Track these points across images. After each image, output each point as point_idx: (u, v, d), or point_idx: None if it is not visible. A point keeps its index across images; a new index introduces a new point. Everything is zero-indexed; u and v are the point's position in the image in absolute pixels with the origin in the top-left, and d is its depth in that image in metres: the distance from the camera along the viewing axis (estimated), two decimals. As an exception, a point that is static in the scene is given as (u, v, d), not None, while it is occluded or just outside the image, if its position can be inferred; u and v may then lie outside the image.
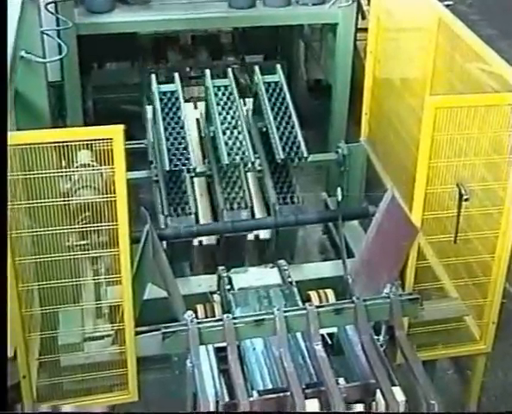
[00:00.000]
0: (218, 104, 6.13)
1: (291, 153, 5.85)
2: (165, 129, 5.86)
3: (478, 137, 4.61)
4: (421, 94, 5.34)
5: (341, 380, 4.48)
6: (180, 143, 5.77)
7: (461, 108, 4.48)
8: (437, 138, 4.50)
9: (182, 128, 5.88)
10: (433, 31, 5.29)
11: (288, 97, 6.17)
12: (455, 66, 5.08)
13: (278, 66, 6.38)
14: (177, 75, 6.27)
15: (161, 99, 6.08)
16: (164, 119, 5.94)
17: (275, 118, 6.03)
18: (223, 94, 6.21)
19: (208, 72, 6.36)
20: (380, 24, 6.15)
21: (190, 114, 6.59)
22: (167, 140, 5.78)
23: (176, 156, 5.69)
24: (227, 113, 6.07)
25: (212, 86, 6.23)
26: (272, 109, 6.10)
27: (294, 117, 6.04)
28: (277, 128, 5.96)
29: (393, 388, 4.35)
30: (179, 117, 5.96)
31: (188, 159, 5.68)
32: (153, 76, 6.28)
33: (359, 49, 7.66)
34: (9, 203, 3.79)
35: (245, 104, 6.48)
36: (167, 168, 5.63)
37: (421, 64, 5.54)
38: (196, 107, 6.88)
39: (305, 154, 5.85)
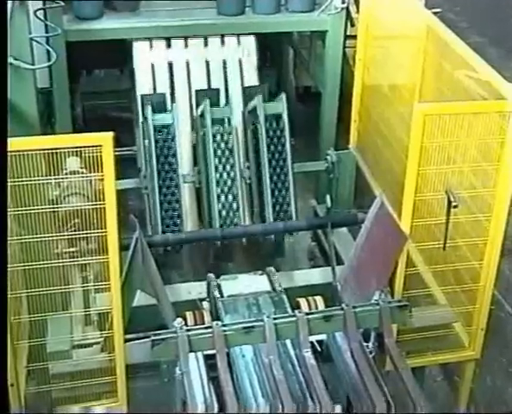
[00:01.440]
0: (215, 155, 6.12)
1: (280, 213, 6.04)
2: (160, 190, 5.95)
3: (467, 144, 4.63)
4: (410, 101, 5.35)
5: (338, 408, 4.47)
6: (174, 209, 5.94)
7: (450, 115, 4.50)
8: (426, 145, 4.52)
9: (176, 186, 5.96)
10: (421, 39, 5.31)
11: (288, 144, 6.15)
12: (444, 74, 5.10)
13: (283, 97, 6.29)
14: (174, 106, 6.29)
15: (156, 141, 6.08)
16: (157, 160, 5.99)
17: (269, 161, 6.09)
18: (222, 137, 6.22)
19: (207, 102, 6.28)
20: (369, 31, 6.18)
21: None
22: (161, 204, 5.93)
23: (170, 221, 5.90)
24: (224, 167, 6.12)
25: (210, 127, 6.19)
26: (269, 147, 6.11)
27: (290, 176, 6.10)
28: (271, 179, 6.04)
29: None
30: (175, 171, 6.03)
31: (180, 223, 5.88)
32: (149, 107, 6.22)
33: (348, 56, 7.66)
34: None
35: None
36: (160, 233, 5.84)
37: (409, 71, 5.56)
38: (186, 45, 6.89)
39: (293, 219, 6.04)
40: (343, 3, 7.04)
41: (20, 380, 4.49)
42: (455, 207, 4.65)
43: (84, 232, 4.27)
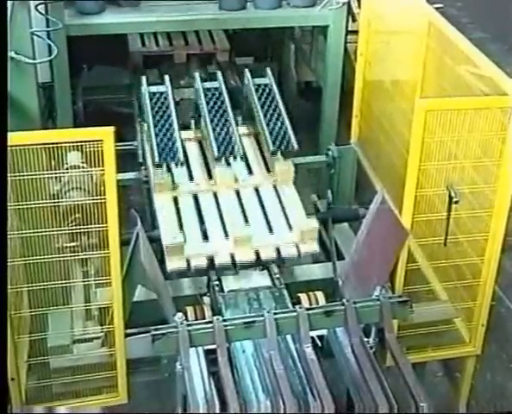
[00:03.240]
0: (208, 103, 6.11)
1: (281, 146, 5.84)
2: (155, 126, 5.86)
3: (468, 140, 4.62)
4: (412, 97, 5.34)
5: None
6: (169, 139, 5.76)
7: (451, 111, 4.49)
8: (427, 141, 4.51)
9: (171, 125, 5.87)
10: (423, 34, 5.30)
11: (278, 97, 6.18)
12: (445, 69, 5.09)
13: (268, 69, 6.39)
14: (167, 77, 6.27)
15: (151, 99, 6.07)
16: (154, 117, 5.93)
17: (265, 116, 6.03)
18: (213, 95, 6.20)
19: (197, 74, 6.36)
20: (370, 27, 6.17)
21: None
22: (156, 135, 5.78)
23: (165, 151, 5.69)
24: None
25: (202, 88, 6.23)
26: (262, 107, 6.10)
27: (284, 115, 6.04)
28: (267, 125, 5.96)
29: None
30: (169, 116, 5.95)
31: (176, 152, 5.69)
32: (144, 78, 6.27)
33: (350, 52, 7.66)
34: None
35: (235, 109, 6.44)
36: (157, 161, 5.63)
37: (411, 66, 5.55)
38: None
39: (295, 146, 5.84)
40: (344, -2, 7.04)
41: (21, 375, 4.50)
42: (456, 203, 4.65)
43: (85, 227, 4.27)
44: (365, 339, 4.73)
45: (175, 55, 8.26)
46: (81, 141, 4.00)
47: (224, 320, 4.59)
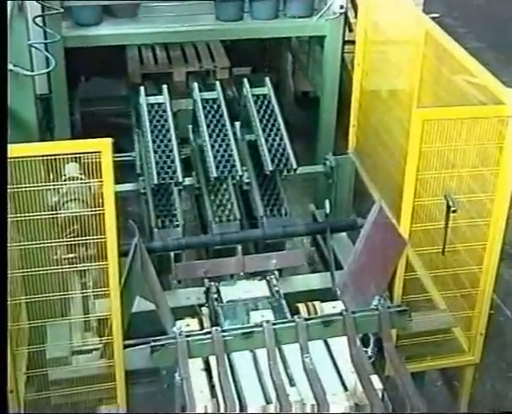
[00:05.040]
0: (206, 117, 6.13)
1: (280, 164, 5.85)
2: (153, 142, 5.87)
3: (465, 149, 4.63)
4: (409, 106, 5.36)
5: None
6: (168, 156, 5.77)
7: (448, 120, 4.50)
8: (424, 150, 4.52)
9: (170, 140, 5.88)
10: (420, 44, 5.32)
11: (276, 108, 6.19)
12: (442, 79, 5.10)
13: (267, 79, 6.40)
14: (165, 87, 6.28)
15: (149, 111, 6.08)
16: (152, 132, 5.95)
17: (263, 130, 6.04)
18: (211, 107, 6.21)
19: (195, 84, 6.38)
20: (367, 37, 6.18)
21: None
22: (155, 152, 5.79)
23: (163, 169, 5.70)
24: (216, 126, 6.06)
25: (200, 99, 6.24)
26: (261, 121, 6.11)
27: (283, 129, 6.05)
28: (266, 140, 5.97)
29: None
30: (167, 130, 5.96)
31: (175, 172, 5.69)
32: (142, 88, 6.28)
33: (347, 61, 7.68)
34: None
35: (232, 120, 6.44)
36: (155, 182, 5.64)
37: (408, 76, 5.57)
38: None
39: (294, 166, 5.86)
40: (341, 8, 7.05)
41: (19, 387, 4.49)
42: (454, 212, 4.66)
43: (83, 238, 4.27)
44: (364, 349, 4.72)
45: (174, 73, 8.26)
46: (79, 153, 4.00)
47: (223, 331, 4.59)
